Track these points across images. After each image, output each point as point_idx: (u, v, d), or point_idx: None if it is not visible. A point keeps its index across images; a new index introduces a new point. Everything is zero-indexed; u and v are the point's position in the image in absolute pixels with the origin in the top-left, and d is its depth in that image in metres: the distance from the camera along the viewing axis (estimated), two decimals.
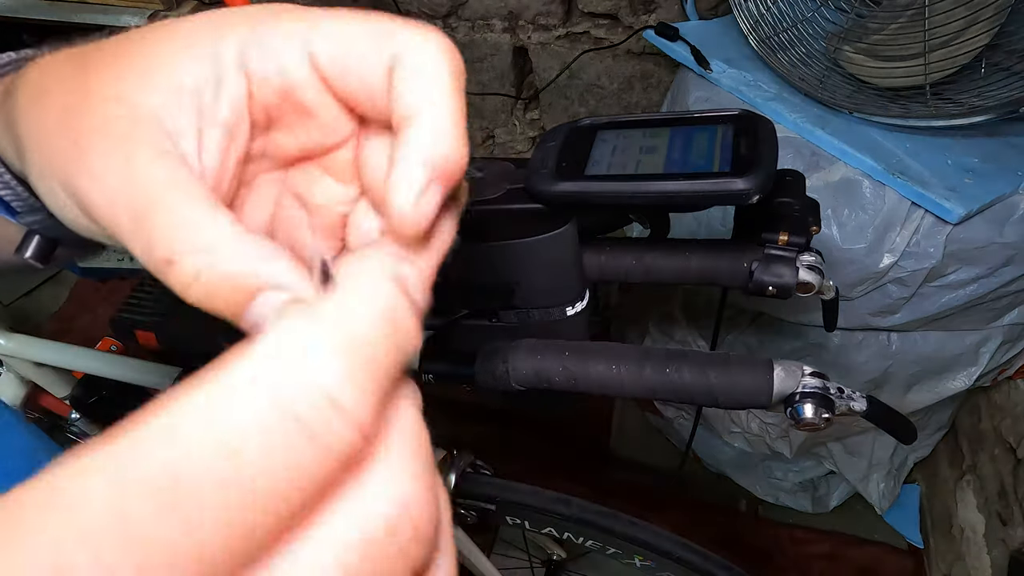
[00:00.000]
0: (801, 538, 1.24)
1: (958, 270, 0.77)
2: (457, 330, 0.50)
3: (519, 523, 0.69)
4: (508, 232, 0.42)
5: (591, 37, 1.24)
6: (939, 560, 1.15)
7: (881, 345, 0.90)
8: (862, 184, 0.76)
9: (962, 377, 0.92)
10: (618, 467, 1.37)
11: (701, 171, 0.36)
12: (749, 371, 0.38)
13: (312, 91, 0.18)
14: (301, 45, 0.17)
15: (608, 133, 0.42)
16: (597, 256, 0.49)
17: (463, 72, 0.17)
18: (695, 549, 0.62)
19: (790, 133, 0.82)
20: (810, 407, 0.37)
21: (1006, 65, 0.72)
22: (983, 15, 0.66)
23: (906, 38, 0.72)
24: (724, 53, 0.91)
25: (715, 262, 0.46)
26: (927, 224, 0.75)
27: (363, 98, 0.17)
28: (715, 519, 1.28)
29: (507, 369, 0.43)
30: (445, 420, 1.45)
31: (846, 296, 0.83)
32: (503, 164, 0.44)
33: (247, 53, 0.17)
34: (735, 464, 1.27)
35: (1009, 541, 0.95)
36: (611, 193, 0.38)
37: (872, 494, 1.16)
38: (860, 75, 0.80)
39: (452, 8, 1.27)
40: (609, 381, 0.41)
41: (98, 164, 0.16)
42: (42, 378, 0.91)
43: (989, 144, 0.77)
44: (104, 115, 0.16)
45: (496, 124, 1.47)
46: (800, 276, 0.42)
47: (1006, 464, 0.99)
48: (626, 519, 0.63)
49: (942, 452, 1.20)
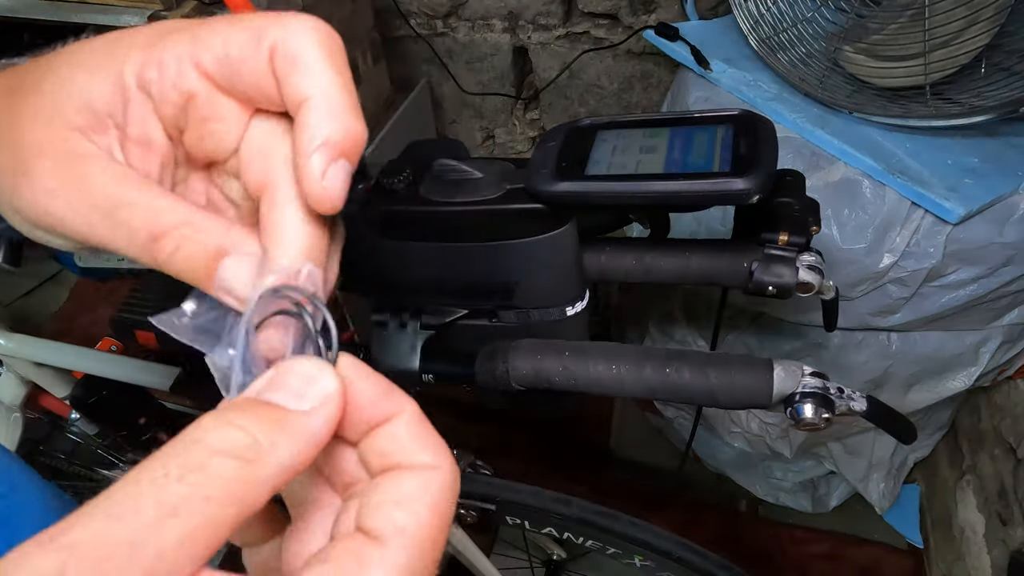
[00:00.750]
0: (801, 538, 1.24)
1: (958, 270, 0.77)
2: (457, 330, 0.50)
3: (519, 523, 0.69)
4: (508, 232, 0.42)
5: (591, 37, 1.24)
6: (939, 560, 1.15)
7: (881, 345, 0.90)
8: (862, 184, 0.76)
9: (962, 377, 0.92)
10: (618, 467, 1.37)
11: (701, 171, 0.36)
12: (749, 371, 0.38)
13: (208, 97, 0.19)
14: (188, 58, 0.18)
15: (608, 133, 0.42)
16: (597, 256, 0.49)
17: (341, 48, 0.18)
18: (695, 549, 0.62)
19: (790, 133, 0.82)
20: (810, 407, 0.37)
21: (1006, 65, 0.71)
22: (983, 15, 0.66)
23: (906, 38, 0.72)
24: (724, 53, 0.91)
25: (715, 262, 0.46)
26: (927, 224, 0.75)
27: (257, 95, 0.19)
28: (715, 519, 1.28)
29: (507, 369, 0.43)
30: (445, 420, 1.45)
31: (846, 296, 0.82)
32: (503, 164, 0.44)
33: (143, 75, 0.19)
34: (735, 464, 1.27)
35: (1009, 541, 0.95)
36: (611, 193, 0.38)
37: (872, 494, 1.16)
38: (860, 75, 0.80)
39: (452, 8, 1.27)
40: (609, 381, 0.41)
41: (51, 182, 0.18)
42: (42, 378, 0.91)
43: (989, 144, 0.77)
44: (40, 140, 0.18)
45: (496, 124, 1.47)
46: (800, 276, 0.42)
47: (1006, 464, 0.99)
48: (626, 519, 0.63)
49: (942, 452, 1.20)
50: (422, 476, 0.16)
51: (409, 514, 0.15)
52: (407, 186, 0.44)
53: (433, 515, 0.16)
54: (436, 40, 1.33)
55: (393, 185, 0.44)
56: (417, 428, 0.17)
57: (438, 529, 0.16)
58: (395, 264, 0.47)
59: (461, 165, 0.43)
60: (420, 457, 0.17)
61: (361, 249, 0.47)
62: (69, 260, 1.50)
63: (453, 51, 1.34)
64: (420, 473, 0.16)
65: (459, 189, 0.42)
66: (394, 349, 0.49)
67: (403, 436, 0.17)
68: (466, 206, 0.42)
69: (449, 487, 0.17)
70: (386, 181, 0.44)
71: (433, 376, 0.49)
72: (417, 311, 0.49)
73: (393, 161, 0.47)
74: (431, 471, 0.17)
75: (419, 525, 0.15)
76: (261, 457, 0.14)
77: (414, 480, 0.16)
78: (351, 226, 0.49)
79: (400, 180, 0.44)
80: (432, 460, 0.17)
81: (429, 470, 0.17)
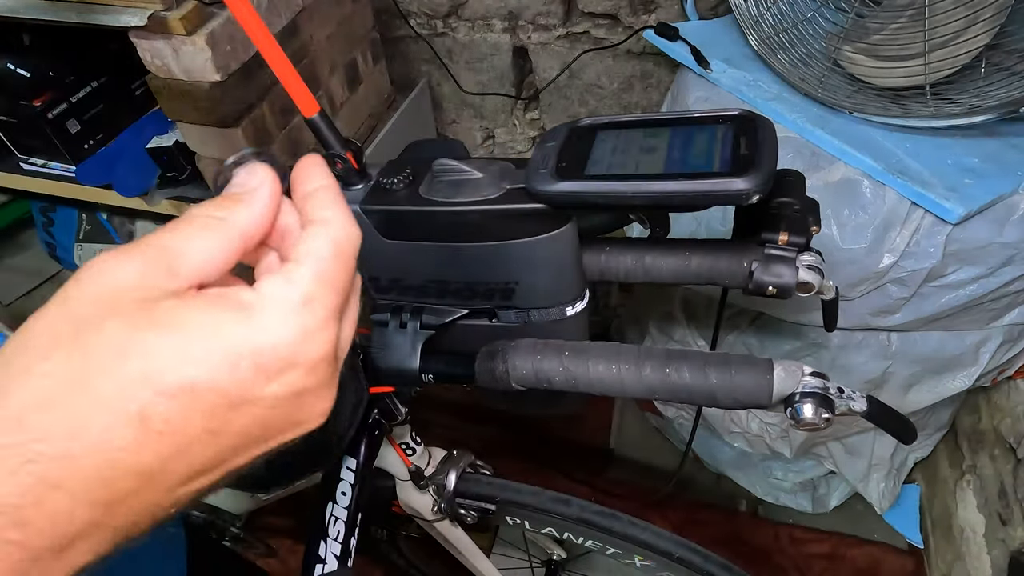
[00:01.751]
0: (801, 538, 1.24)
1: (958, 270, 0.77)
2: (457, 330, 0.50)
3: (519, 523, 0.69)
4: (508, 232, 0.42)
5: (591, 37, 1.24)
6: (939, 560, 1.15)
7: (881, 345, 0.90)
8: (862, 184, 0.76)
9: (962, 377, 0.92)
10: (618, 467, 1.37)
11: (701, 171, 0.36)
12: (749, 371, 0.38)
13: None
14: None
15: (608, 133, 0.42)
16: (597, 256, 0.49)
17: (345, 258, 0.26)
18: (695, 549, 0.62)
19: (790, 133, 0.82)
20: (810, 407, 0.37)
21: (1006, 65, 0.72)
22: (983, 15, 0.66)
23: (906, 38, 0.72)
24: (724, 53, 0.91)
25: (715, 262, 0.46)
26: (927, 224, 0.75)
27: None
28: (715, 519, 1.28)
29: (507, 369, 0.43)
30: (445, 420, 1.45)
31: (846, 296, 0.82)
32: (503, 164, 0.44)
33: None
34: (735, 464, 1.27)
35: (1009, 541, 0.95)
36: (611, 193, 0.38)
37: (872, 494, 1.16)
38: (860, 75, 0.80)
39: (452, 8, 1.27)
40: (609, 381, 0.41)
41: None
42: None
43: (989, 144, 0.77)
44: None
45: (496, 124, 1.47)
46: (800, 276, 0.42)
47: (1006, 464, 0.99)
48: (626, 519, 0.63)
49: (942, 452, 1.21)
50: (326, 225, 0.25)
51: (317, 245, 0.24)
52: (407, 186, 0.44)
53: (333, 246, 0.25)
54: (436, 40, 1.33)
55: (393, 185, 0.44)
56: (325, 197, 0.26)
57: (336, 255, 0.24)
58: (395, 264, 0.47)
59: (461, 165, 0.43)
60: (323, 214, 0.25)
61: (361, 249, 0.47)
62: (69, 260, 1.50)
63: (453, 51, 1.34)
64: (324, 224, 0.25)
65: (459, 189, 0.42)
66: (394, 349, 0.49)
67: (319, 201, 0.26)
68: (466, 206, 0.42)
69: (344, 234, 0.25)
70: (386, 181, 0.44)
71: (433, 376, 0.49)
72: (417, 311, 0.49)
73: (393, 161, 0.47)
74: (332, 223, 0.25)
75: (321, 255, 0.24)
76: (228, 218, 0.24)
77: (320, 228, 0.25)
78: None
79: (400, 180, 0.44)
80: (331, 216, 0.25)
81: (332, 222, 0.25)
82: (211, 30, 0.76)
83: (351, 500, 0.59)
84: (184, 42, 0.76)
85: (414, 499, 0.70)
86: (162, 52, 0.77)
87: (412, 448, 0.67)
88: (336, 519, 0.59)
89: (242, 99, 0.85)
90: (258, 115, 0.89)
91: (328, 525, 0.58)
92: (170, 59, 0.78)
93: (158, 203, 1.01)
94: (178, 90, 0.81)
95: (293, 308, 0.23)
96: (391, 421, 0.60)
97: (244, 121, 0.86)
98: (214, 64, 0.78)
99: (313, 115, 0.40)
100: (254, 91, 0.87)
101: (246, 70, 0.84)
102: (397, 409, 0.58)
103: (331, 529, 0.58)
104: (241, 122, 0.86)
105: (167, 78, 0.80)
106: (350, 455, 0.60)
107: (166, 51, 0.77)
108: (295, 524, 1.30)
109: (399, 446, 0.65)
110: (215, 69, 0.78)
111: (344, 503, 0.59)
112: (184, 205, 1.04)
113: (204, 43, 0.76)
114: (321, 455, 0.52)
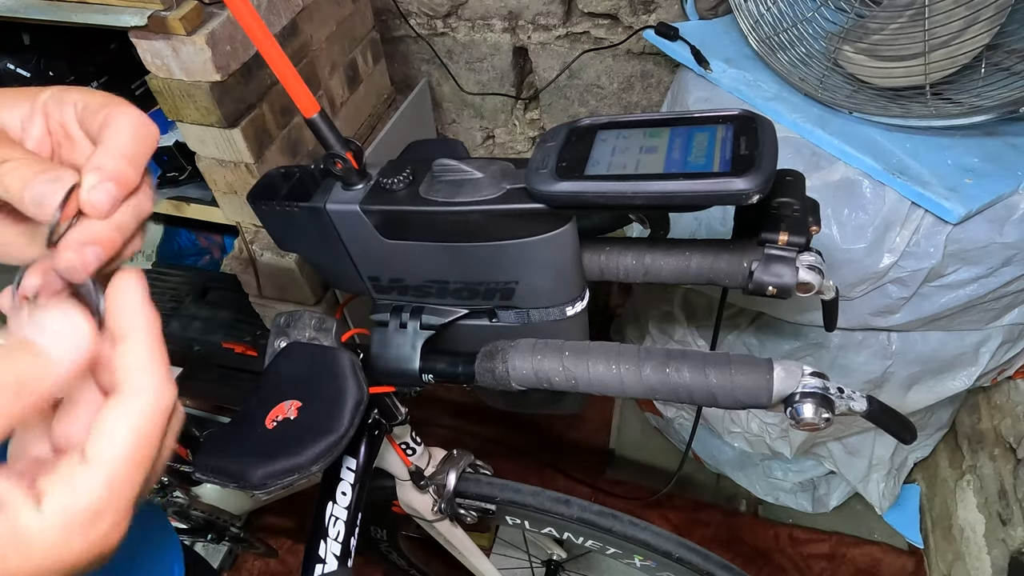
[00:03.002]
0: (801, 538, 1.24)
1: (958, 270, 0.77)
2: (457, 330, 0.50)
3: (519, 523, 0.69)
4: (508, 232, 0.42)
5: (591, 37, 1.24)
6: (939, 560, 1.15)
7: (881, 345, 0.90)
8: (862, 184, 0.76)
9: (962, 377, 0.92)
10: (618, 467, 1.37)
11: (701, 171, 0.36)
12: (749, 371, 0.38)
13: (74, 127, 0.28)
14: (72, 102, 0.28)
15: (608, 133, 0.42)
16: (597, 256, 0.49)
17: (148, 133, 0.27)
18: (695, 549, 0.62)
19: (790, 133, 0.82)
20: (810, 407, 0.37)
21: (1006, 65, 0.72)
22: (983, 15, 0.66)
23: (906, 38, 0.72)
24: (724, 53, 0.91)
25: (715, 262, 0.46)
26: (927, 224, 0.75)
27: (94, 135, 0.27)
28: (715, 519, 1.28)
29: (507, 369, 0.43)
30: (445, 420, 1.45)
31: (846, 296, 0.82)
32: (503, 164, 0.44)
33: (48, 104, 0.28)
34: (735, 464, 1.27)
35: (1009, 541, 0.95)
36: (611, 193, 0.38)
37: (872, 494, 1.16)
38: (860, 75, 0.80)
39: (452, 8, 1.27)
40: (609, 381, 0.41)
41: None
42: None
43: (989, 144, 0.77)
44: None
45: (496, 124, 1.47)
46: (800, 276, 0.42)
47: (1006, 464, 0.99)
48: (626, 519, 0.63)
49: (942, 452, 1.21)
50: (127, 403, 0.21)
51: (110, 442, 0.20)
52: (407, 186, 0.44)
53: (134, 436, 0.21)
54: (436, 40, 1.33)
55: (393, 185, 0.44)
56: (135, 356, 0.22)
57: (137, 446, 0.21)
58: (395, 264, 0.47)
59: (461, 165, 0.43)
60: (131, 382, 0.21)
61: (361, 249, 0.47)
62: None
63: (453, 51, 1.34)
64: (126, 400, 0.21)
65: (459, 189, 0.42)
66: (394, 349, 0.49)
67: (125, 362, 0.22)
68: (466, 206, 0.42)
69: (150, 412, 0.21)
70: (386, 181, 0.44)
71: (433, 376, 0.49)
72: (417, 311, 0.50)
73: (393, 161, 0.47)
74: (136, 397, 0.21)
75: (116, 453, 0.20)
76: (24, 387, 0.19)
77: (120, 407, 0.21)
78: (351, 226, 0.49)
79: (400, 180, 0.44)
80: (138, 385, 0.21)
81: (136, 396, 0.21)
82: (211, 30, 0.76)
83: (351, 500, 0.59)
84: (184, 42, 0.76)
85: (414, 499, 0.70)
86: (162, 52, 0.77)
87: (412, 448, 0.67)
88: (336, 519, 0.59)
89: (242, 99, 0.85)
90: (258, 115, 0.89)
91: (328, 525, 0.58)
92: (170, 59, 0.78)
93: (158, 203, 1.01)
94: (178, 90, 0.81)
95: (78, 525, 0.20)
96: (391, 421, 0.60)
97: (244, 121, 0.86)
98: (214, 64, 0.78)
99: (313, 115, 0.40)
100: (254, 91, 0.87)
101: (246, 70, 0.84)
102: (397, 409, 0.58)
103: (331, 529, 0.58)
104: (241, 122, 0.86)
105: (167, 78, 0.80)
106: (350, 455, 0.60)
107: (166, 51, 0.77)
108: (295, 524, 1.30)
109: (399, 446, 0.65)
110: (215, 69, 0.78)
111: (344, 503, 0.59)
112: (184, 205, 1.04)
113: (204, 43, 0.76)
114: None
